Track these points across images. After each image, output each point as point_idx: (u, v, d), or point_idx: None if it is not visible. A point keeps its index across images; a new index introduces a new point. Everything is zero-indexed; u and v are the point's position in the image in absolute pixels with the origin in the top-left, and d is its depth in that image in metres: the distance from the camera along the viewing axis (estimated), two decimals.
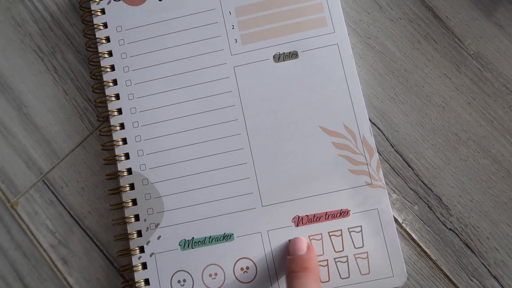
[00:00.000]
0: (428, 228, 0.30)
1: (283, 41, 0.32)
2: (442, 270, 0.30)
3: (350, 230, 0.30)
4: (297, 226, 0.30)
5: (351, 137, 0.30)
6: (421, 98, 0.31)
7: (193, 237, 0.30)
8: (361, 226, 0.30)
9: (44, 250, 0.33)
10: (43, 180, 0.33)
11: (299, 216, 0.30)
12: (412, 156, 0.31)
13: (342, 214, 0.30)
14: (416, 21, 0.32)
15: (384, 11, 0.33)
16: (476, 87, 0.31)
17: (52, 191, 0.33)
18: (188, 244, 0.30)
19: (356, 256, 0.29)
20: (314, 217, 0.30)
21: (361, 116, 0.30)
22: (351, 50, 0.31)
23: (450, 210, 0.30)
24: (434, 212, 0.30)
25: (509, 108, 0.31)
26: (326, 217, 0.30)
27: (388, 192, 0.30)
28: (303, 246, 0.29)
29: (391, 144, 0.31)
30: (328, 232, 0.30)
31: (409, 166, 0.31)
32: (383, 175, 0.30)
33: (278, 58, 0.31)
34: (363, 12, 0.33)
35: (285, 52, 0.31)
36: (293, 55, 0.31)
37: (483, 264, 0.30)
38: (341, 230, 0.30)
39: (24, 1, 0.36)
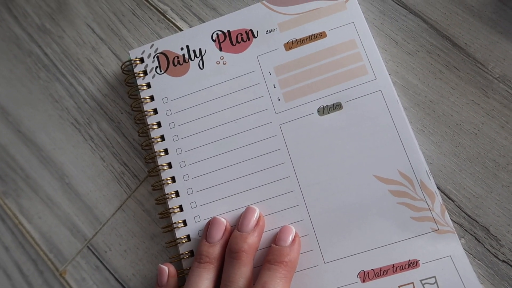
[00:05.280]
0: (479, 262, 0.29)
1: (326, 94, 0.32)
2: None
3: (423, 282, 0.28)
4: (364, 282, 0.28)
5: (408, 183, 0.29)
6: (451, 128, 0.31)
7: None
8: (435, 277, 0.28)
9: None
10: (87, 246, 0.35)
11: (364, 271, 0.28)
12: (450, 188, 0.30)
13: (411, 265, 0.28)
14: (435, 52, 0.32)
15: (401, 46, 0.33)
16: (507, 109, 0.30)
17: (97, 256, 0.34)
18: None
19: None
20: (380, 270, 0.28)
21: (416, 160, 0.29)
22: (396, 94, 0.31)
23: (500, 240, 0.29)
24: (483, 244, 0.29)
25: None
26: (394, 270, 0.28)
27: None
28: (287, 238, 0.29)
29: None
30: (399, 287, 0.28)
31: (449, 198, 0.30)
32: None
33: (323, 111, 0.31)
34: (380, 50, 0.33)
35: (328, 104, 0.31)
36: (337, 106, 0.31)
37: None
38: (412, 283, 0.28)
39: (60, 79, 0.38)
